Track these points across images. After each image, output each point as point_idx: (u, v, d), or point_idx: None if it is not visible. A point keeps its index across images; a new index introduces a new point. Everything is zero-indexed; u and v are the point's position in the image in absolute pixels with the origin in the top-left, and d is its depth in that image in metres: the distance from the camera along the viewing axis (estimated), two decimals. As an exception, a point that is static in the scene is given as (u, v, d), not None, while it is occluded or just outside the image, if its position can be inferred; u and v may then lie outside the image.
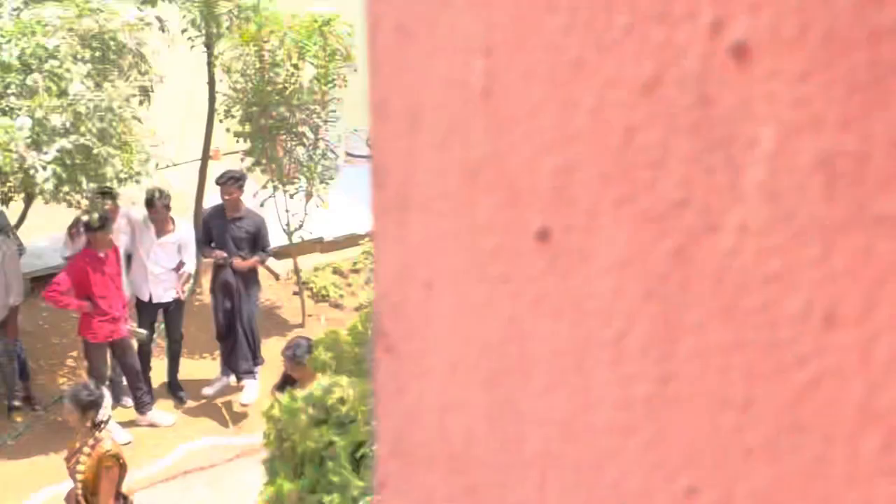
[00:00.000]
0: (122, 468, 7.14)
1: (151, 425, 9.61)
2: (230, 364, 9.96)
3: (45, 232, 11.83)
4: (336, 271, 11.98)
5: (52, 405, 9.80)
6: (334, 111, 10.39)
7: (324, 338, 5.40)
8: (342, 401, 4.89)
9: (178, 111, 11.87)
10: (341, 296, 11.56)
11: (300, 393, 5.22)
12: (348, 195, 11.82)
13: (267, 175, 10.55)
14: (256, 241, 9.82)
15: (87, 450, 7.04)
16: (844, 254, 0.47)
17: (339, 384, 5.00)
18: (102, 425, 7.15)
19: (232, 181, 9.63)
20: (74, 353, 10.52)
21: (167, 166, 8.99)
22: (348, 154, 13.23)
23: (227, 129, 10.75)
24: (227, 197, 9.63)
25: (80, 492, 7.10)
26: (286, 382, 7.70)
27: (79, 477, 7.05)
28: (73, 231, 9.58)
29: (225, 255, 9.65)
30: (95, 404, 7.08)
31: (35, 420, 9.63)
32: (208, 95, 11.15)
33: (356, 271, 12.00)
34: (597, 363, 0.55)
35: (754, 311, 0.50)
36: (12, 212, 10.31)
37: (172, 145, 10.15)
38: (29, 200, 9.96)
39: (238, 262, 9.64)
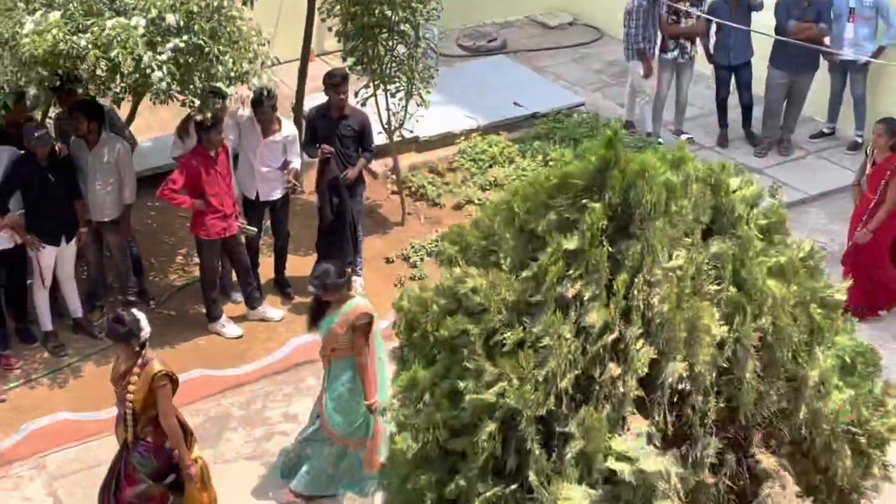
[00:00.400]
0: (175, 384, 7.16)
1: (262, 320, 9.87)
2: (330, 256, 10.15)
3: (151, 132, 12.08)
4: (432, 170, 12.08)
5: (165, 299, 10.10)
6: (435, 8, 10.39)
7: (449, 232, 5.51)
8: (474, 290, 5.02)
9: (274, 11, 11.92)
10: (439, 195, 11.66)
11: (428, 283, 5.36)
12: (442, 94, 11.88)
13: (367, 75, 10.62)
14: (362, 139, 9.94)
15: (136, 370, 7.06)
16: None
17: (470, 274, 5.12)
18: (147, 345, 7.14)
19: (342, 80, 9.73)
20: (184, 251, 10.79)
21: (272, 65, 9.06)
22: (442, 54, 13.22)
23: (329, 29, 10.80)
24: (340, 96, 9.72)
25: (129, 412, 7.12)
26: (319, 308, 7.78)
27: (129, 397, 7.06)
28: (182, 131, 9.76)
29: (331, 148, 9.76)
30: (132, 333, 7.06)
31: (151, 314, 9.92)
32: (308, -2, 11.21)
33: (452, 170, 12.09)
34: None
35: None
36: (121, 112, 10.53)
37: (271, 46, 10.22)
38: (138, 100, 10.14)
39: (351, 173, 9.79)
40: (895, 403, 5.36)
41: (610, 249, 4.80)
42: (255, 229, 9.82)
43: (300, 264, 10.47)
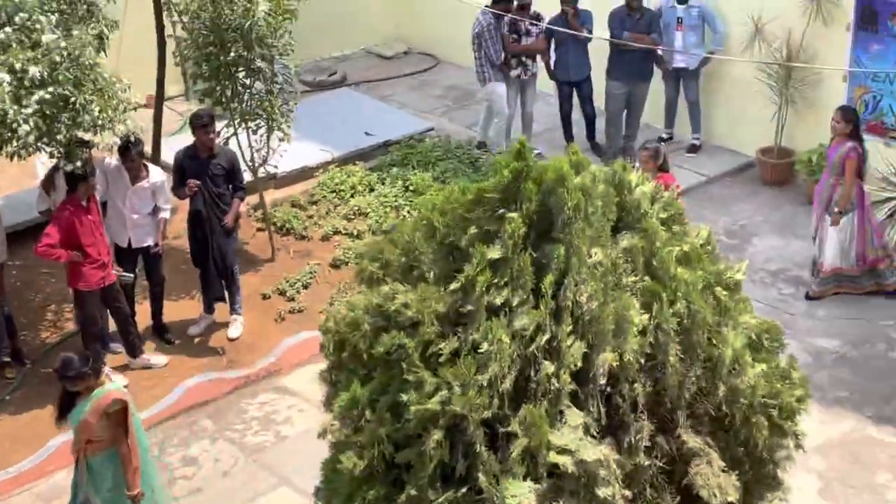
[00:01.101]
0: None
1: (146, 367, 9.76)
2: (211, 290, 10.15)
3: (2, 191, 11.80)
4: (295, 204, 12.15)
5: (40, 357, 9.89)
6: (289, 44, 10.50)
7: (368, 251, 5.65)
8: (406, 305, 5.18)
9: (128, 58, 11.83)
10: (305, 227, 11.75)
11: (359, 302, 5.49)
12: (293, 130, 11.96)
13: (228, 113, 10.65)
14: (233, 177, 9.99)
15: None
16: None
17: (399, 290, 5.28)
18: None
19: (210, 119, 9.79)
20: (53, 307, 10.58)
21: (135, 109, 9.05)
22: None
23: (183, 73, 10.81)
24: (209, 136, 9.78)
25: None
26: (68, 399, 7.26)
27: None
28: (48, 184, 9.61)
29: (199, 182, 9.80)
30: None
31: (27, 374, 9.71)
32: (157, 40, 11.19)
33: (314, 203, 12.19)
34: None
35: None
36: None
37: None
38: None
39: (230, 219, 9.87)
40: (800, 375, 5.73)
41: (533, 255, 5.03)
42: (132, 275, 9.73)
43: (177, 309, 10.41)
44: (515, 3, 12.71)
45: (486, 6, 12.66)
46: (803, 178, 12.34)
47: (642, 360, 5.10)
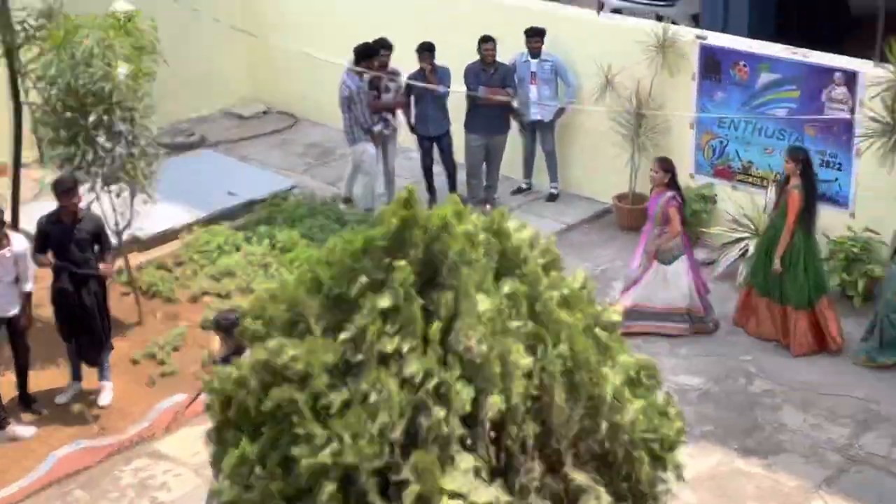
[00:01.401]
0: None
1: (14, 439, 9.51)
2: (84, 356, 9.97)
3: None
4: (161, 267, 12.03)
5: None
6: (151, 106, 10.46)
7: (250, 309, 5.66)
8: (294, 358, 5.21)
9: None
10: (172, 290, 11.63)
11: (242, 361, 5.49)
12: (159, 192, 11.86)
13: (89, 178, 10.52)
14: (99, 241, 9.87)
15: None
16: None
17: (286, 344, 5.31)
18: None
19: (74, 184, 9.67)
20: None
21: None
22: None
23: (40, 139, 10.65)
24: (73, 201, 9.64)
25: None
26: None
27: None
28: None
29: (51, 260, 9.68)
30: None
31: None
32: (13, 106, 11.01)
33: (180, 264, 12.09)
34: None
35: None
36: None
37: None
38: None
39: (105, 268, 9.75)
40: (676, 410, 5.95)
41: (421, 302, 5.13)
42: (-5, 347, 9.50)
43: (43, 377, 10.19)
44: (376, 62, 12.90)
45: (349, 67, 12.81)
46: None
47: (529, 402, 5.23)
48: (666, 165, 10.90)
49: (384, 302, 5.08)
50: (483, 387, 5.15)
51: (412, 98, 13.22)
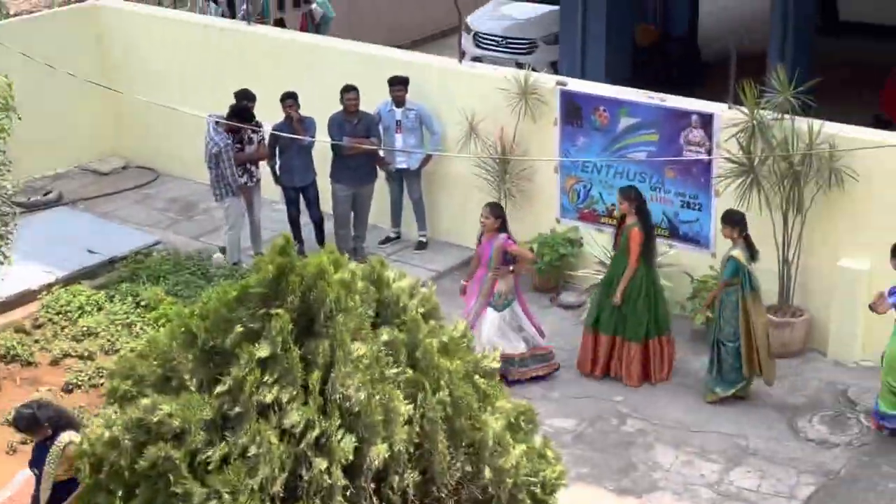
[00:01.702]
0: None
1: None
2: None
3: None
4: (18, 329, 11.63)
5: None
6: (5, 164, 10.15)
7: (117, 369, 5.49)
8: (170, 415, 5.05)
9: None
10: (31, 353, 11.25)
11: (116, 419, 5.31)
12: (15, 252, 11.51)
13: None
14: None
15: None
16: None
17: (160, 401, 5.15)
18: None
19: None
20: None
21: None
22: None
23: None
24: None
25: None
26: None
27: None
28: None
29: None
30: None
31: None
32: None
33: (39, 326, 11.72)
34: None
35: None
36: None
37: None
38: None
39: None
40: (554, 453, 5.96)
41: (299, 351, 5.04)
42: None
43: None
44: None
45: (216, 122, 12.65)
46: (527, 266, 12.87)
47: (411, 450, 5.17)
48: (496, 211, 11.05)
49: (262, 352, 4.99)
50: (365, 436, 5.08)
51: (277, 148, 13.11)
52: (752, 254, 10.54)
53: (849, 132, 11.08)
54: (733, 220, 10.56)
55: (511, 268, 10.99)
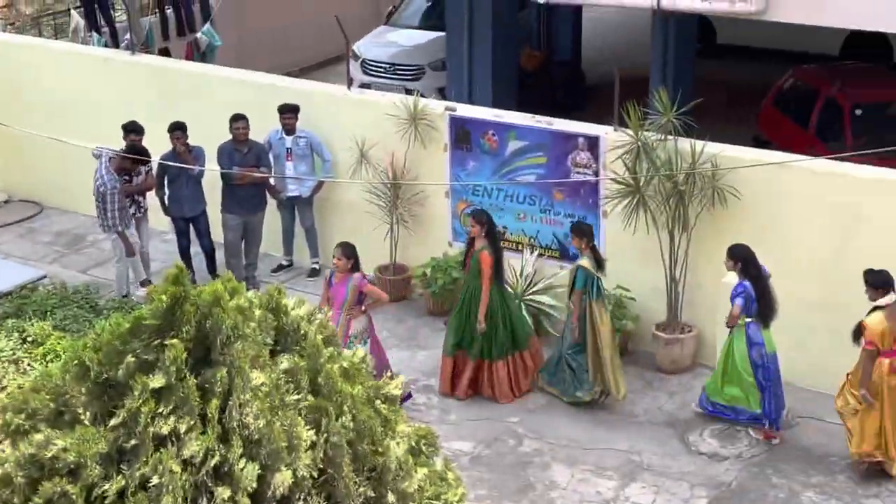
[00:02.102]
0: None
1: None
2: None
3: None
4: None
5: None
6: None
7: (10, 402, 5.37)
8: (65, 450, 4.96)
9: None
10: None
11: (8, 456, 5.19)
12: None
13: None
14: None
15: None
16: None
17: (53, 436, 5.05)
18: None
19: None
20: None
21: None
22: None
23: None
24: None
25: None
26: None
27: None
28: None
29: None
30: None
31: None
32: None
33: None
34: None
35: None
36: None
37: None
38: None
39: None
40: (454, 476, 6.01)
41: (195, 380, 5.00)
42: None
43: None
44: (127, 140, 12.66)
45: (110, 158, 12.48)
46: (419, 291, 12.93)
47: (315, 475, 5.16)
48: (348, 252, 10.85)
49: (155, 382, 4.94)
50: (268, 463, 5.05)
51: (165, 179, 12.97)
52: (599, 263, 10.90)
53: (730, 152, 11.39)
54: (582, 232, 11.02)
55: (363, 307, 10.87)
